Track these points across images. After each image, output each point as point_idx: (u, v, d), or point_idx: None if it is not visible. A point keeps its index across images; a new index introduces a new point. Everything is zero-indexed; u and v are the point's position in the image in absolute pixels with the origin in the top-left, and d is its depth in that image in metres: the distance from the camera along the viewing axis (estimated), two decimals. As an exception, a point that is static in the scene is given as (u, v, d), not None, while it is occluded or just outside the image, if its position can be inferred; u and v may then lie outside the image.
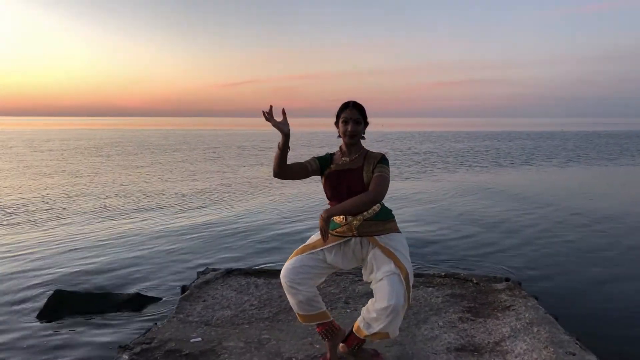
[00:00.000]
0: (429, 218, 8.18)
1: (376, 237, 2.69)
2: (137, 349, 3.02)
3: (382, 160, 2.70)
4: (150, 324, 3.64)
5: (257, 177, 14.35)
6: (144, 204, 9.63)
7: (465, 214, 8.54)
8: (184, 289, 4.18)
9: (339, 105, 2.78)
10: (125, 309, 4.21)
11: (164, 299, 4.49)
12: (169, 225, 7.65)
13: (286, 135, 2.53)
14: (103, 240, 6.67)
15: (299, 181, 12.01)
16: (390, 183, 2.71)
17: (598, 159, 20.70)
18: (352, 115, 2.69)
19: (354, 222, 2.69)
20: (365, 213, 2.69)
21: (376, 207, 2.72)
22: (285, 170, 2.63)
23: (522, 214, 8.60)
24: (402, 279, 2.57)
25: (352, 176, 2.70)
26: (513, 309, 3.56)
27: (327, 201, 2.84)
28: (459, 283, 4.30)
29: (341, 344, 2.92)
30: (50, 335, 3.75)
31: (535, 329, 3.15)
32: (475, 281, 4.29)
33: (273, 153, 2.64)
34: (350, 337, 2.88)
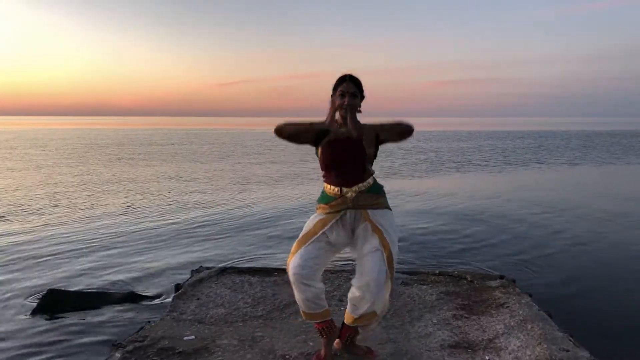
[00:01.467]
0: (425, 215, 8.18)
1: (368, 211, 2.71)
2: (130, 347, 3.00)
3: (382, 123, 2.72)
4: (144, 322, 3.63)
5: (253, 176, 14.33)
6: (138, 202, 9.60)
7: (461, 212, 8.54)
8: (177, 287, 4.16)
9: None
10: (119, 308, 4.19)
11: (157, 297, 4.47)
12: (163, 224, 7.62)
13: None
14: (97, 239, 6.64)
15: (297, 181, 12.00)
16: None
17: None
18: (349, 89, 2.69)
19: (349, 194, 2.70)
20: (360, 185, 2.70)
21: (370, 180, 2.75)
22: (294, 139, 2.74)
23: (516, 211, 8.62)
24: (385, 257, 2.62)
25: (354, 145, 2.69)
26: (507, 306, 3.57)
27: (322, 172, 2.83)
28: (453, 281, 4.30)
29: (335, 340, 2.92)
30: (43, 334, 3.72)
31: (529, 326, 3.16)
32: (469, 279, 4.29)
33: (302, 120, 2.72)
34: (342, 330, 2.89)
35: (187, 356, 2.92)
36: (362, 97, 2.78)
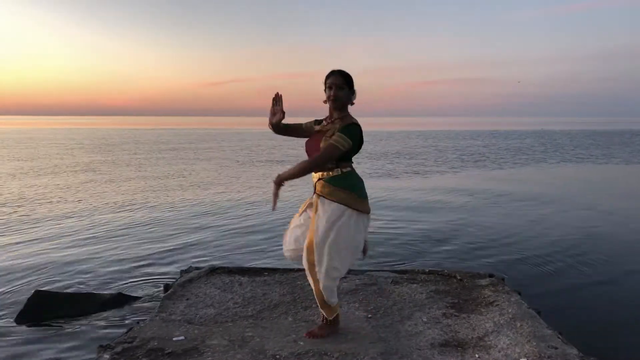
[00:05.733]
0: (415, 215, 8.20)
1: (321, 198, 2.94)
2: (119, 348, 2.97)
3: (344, 128, 2.85)
4: (133, 323, 3.60)
5: (245, 176, 14.28)
6: (127, 202, 9.52)
7: (451, 211, 8.57)
8: (166, 287, 4.13)
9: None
10: (108, 309, 4.15)
11: (146, 298, 4.44)
12: (152, 223, 7.57)
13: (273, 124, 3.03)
14: (85, 240, 6.58)
15: (290, 182, 11.93)
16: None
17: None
18: (336, 81, 2.88)
19: (313, 180, 2.99)
20: (322, 174, 2.92)
21: (336, 172, 2.90)
22: (283, 133, 3.13)
23: (507, 211, 8.68)
24: (306, 243, 2.92)
25: (320, 138, 2.93)
26: (496, 305, 3.58)
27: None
28: (443, 279, 4.31)
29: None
30: (30, 336, 3.69)
31: (518, 324, 3.17)
32: (459, 277, 4.30)
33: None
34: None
35: (177, 357, 2.90)
36: (353, 91, 2.95)
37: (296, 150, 24.10)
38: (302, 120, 3.18)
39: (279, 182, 2.85)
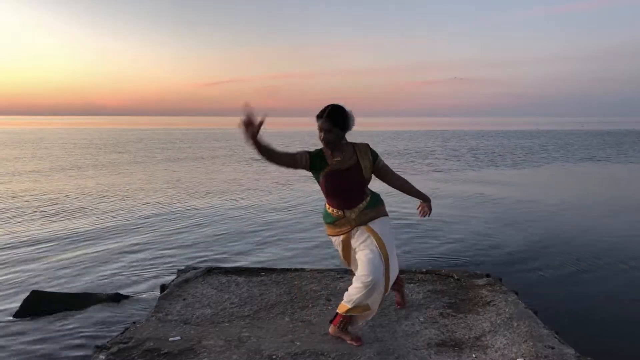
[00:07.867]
0: (412, 214, 8.18)
1: (370, 225, 2.99)
2: (114, 349, 2.96)
3: (374, 152, 3.05)
4: (129, 323, 3.58)
5: (241, 177, 14.27)
6: (124, 202, 9.51)
7: (448, 211, 8.56)
8: (163, 287, 4.12)
9: (323, 104, 3.01)
10: (104, 309, 4.15)
11: (143, 298, 4.43)
12: (150, 224, 7.55)
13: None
14: (82, 240, 6.56)
15: (287, 183, 11.95)
16: (413, 178, 2.97)
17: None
18: (323, 127, 2.91)
19: (351, 215, 2.99)
20: (360, 206, 3.00)
21: (368, 197, 3.04)
22: (270, 158, 2.82)
23: (505, 210, 8.67)
24: (382, 257, 2.89)
25: (353, 173, 2.97)
26: (493, 304, 3.57)
27: (322, 194, 3.09)
28: (440, 279, 4.30)
29: (330, 326, 3.10)
30: (26, 335, 3.68)
31: (515, 324, 3.17)
32: (456, 277, 4.29)
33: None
34: (336, 317, 3.07)
35: (173, 357, 2.88)
36: (344, 127, 2.94)
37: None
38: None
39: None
